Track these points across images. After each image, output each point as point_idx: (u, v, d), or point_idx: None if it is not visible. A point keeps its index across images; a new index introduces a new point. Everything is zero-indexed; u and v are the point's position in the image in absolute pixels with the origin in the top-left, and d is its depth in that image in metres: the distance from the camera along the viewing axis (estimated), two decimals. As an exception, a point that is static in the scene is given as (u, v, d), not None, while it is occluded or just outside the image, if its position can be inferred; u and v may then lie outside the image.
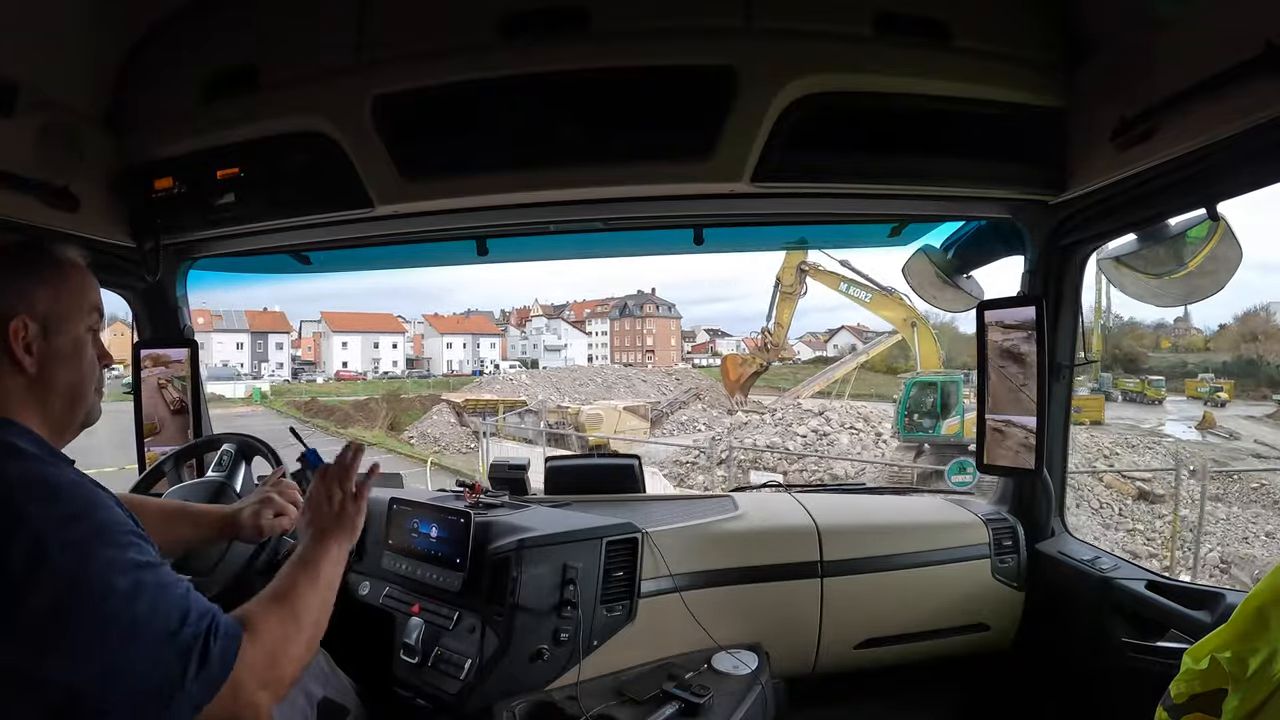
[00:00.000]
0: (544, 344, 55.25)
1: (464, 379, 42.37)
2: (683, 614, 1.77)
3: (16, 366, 0.94)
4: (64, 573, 0.81)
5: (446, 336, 52.21)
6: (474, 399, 27.02)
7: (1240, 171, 1.32)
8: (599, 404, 24.72)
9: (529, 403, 26.19)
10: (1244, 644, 0.92)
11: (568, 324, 58.58)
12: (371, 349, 48.89)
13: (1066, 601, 1.91)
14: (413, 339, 52.17)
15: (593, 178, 1.61)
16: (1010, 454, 1.94)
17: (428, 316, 54.29)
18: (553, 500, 2.11)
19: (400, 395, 33.88)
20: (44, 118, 1.52)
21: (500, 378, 37.12)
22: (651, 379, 37.95)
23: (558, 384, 33.61)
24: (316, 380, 43.43)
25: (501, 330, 57.67)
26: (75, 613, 0.80)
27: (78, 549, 0.82)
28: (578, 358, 52.88)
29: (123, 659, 0.81)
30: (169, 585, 0.87)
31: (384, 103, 1.55)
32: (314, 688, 1.42)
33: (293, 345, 48.46)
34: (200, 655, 0.85)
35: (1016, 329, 1.91)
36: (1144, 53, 1.35)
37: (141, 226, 1.81)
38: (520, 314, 62.26)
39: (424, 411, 28.69)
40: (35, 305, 0.96)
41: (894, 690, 2.07)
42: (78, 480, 0.90)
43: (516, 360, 52.87)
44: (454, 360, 51.21)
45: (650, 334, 56.23)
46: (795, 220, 2.09)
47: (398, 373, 47.45)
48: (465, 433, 24.56)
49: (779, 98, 1.49)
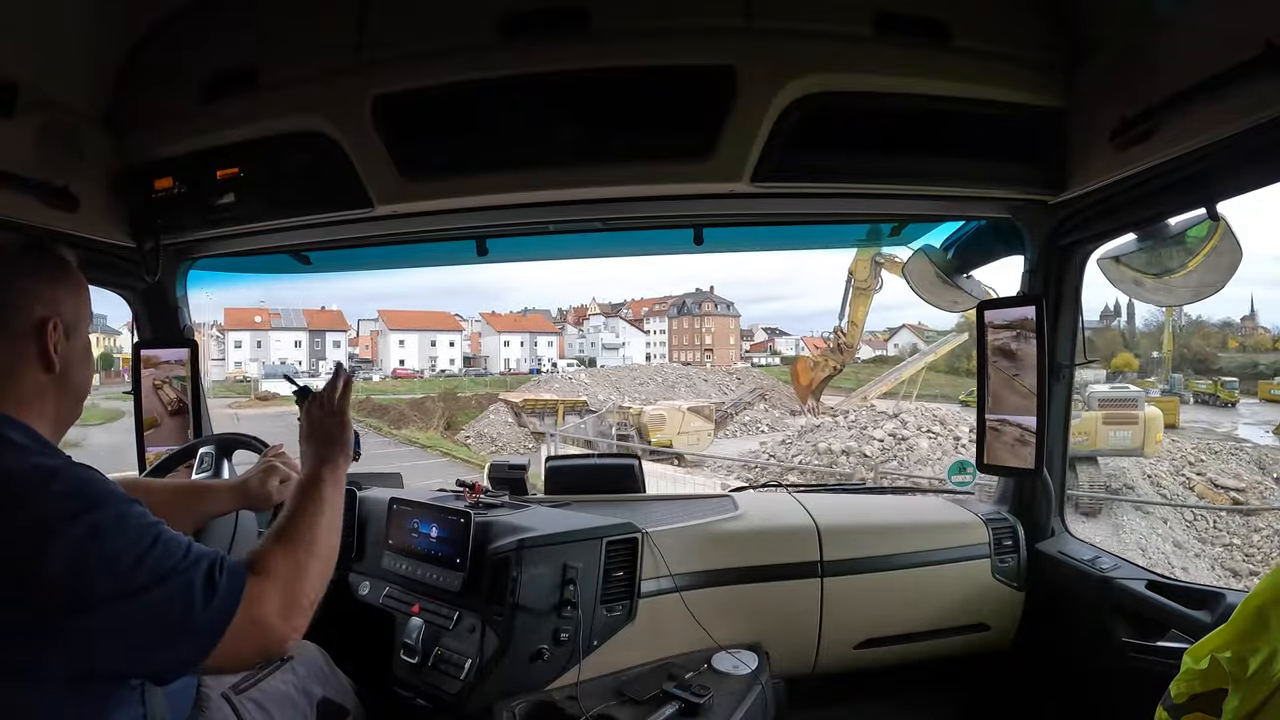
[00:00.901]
0: (602, 342, 54.56)
1: (521, 377, 42.02)
2: (683, 614, 1.77)
3: (46, 366, 0.98)
4: (70, 546, 0.82)
5: (504, 335, 51.76)
6: (533, 399, 26.34)
7: (1240, 171, 1.32)
8: (662, 404, 23.91)
9: (589, 403, 25.47)
10: (1244, 644, 0.92)
11: (625, 322, 57.86)
12: (429, 347, 48.44)
13: (1067, 601, 1.91)
14: (470, 337, 51.84)
15: (592, 178, 1.61)
16: (1010, 454, 1.94)
17: (485, 315, 53.89)
18: (553, 500, 2.11)
19: (457, 394, 33.42)
20: (44, 118, 1.52)
21: (559, 376, 36.50)
22: (713, 378, 37.26)
23: (617, 383, 33.00)
24: (373, 378, 42.85)
25: (559, 329, 56.91)
26: (86, 583, 0.82)
27: (81, 523, 0.84)
28: (635, 356, 52.22)
29: (134, 613, 0.84)
30: (171, 539, 0.90)
31: (384, 103, 1.55)
32: (314, 688, 1.42)
33: (350, 343, 48.35)
34: (206, 585, 0.88)
35: (1016, 329, 1.91)
36: (1144, 53, 1.35)
37: (141, 226, 1.81)
38: (577, 312, 61.44)
39: (480, 410, 28.20)
40: (62, 308, 1.00)
41: (894, 690, 2.07)
42: (71, 466, 0.92)
43: (574, 359, 52.11)
44: (511, 359, 50.72)
45: (709, 332, 55.20)
46: (795, 220, 2.09)
47: (455, 371, 47.01)
48: (523, 433, 24.03)
49: (779, 98, 1.49)
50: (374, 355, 48.43)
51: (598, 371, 38.71)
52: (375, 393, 35.18)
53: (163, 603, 0.85)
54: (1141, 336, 31.89)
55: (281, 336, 44.94)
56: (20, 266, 0.98)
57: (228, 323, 44.06)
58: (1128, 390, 16.57)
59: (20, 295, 0.96)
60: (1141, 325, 33.34)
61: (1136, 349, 27.00)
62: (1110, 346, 25.91)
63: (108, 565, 0.84)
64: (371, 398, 31.96)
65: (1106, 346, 26.36)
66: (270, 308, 45.02)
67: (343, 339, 47.38)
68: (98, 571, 0.83)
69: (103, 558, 0.84)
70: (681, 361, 48.25)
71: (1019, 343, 1.90)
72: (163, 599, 0.85)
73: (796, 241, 2.45)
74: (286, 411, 32.71)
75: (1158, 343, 26.89)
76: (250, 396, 33.84)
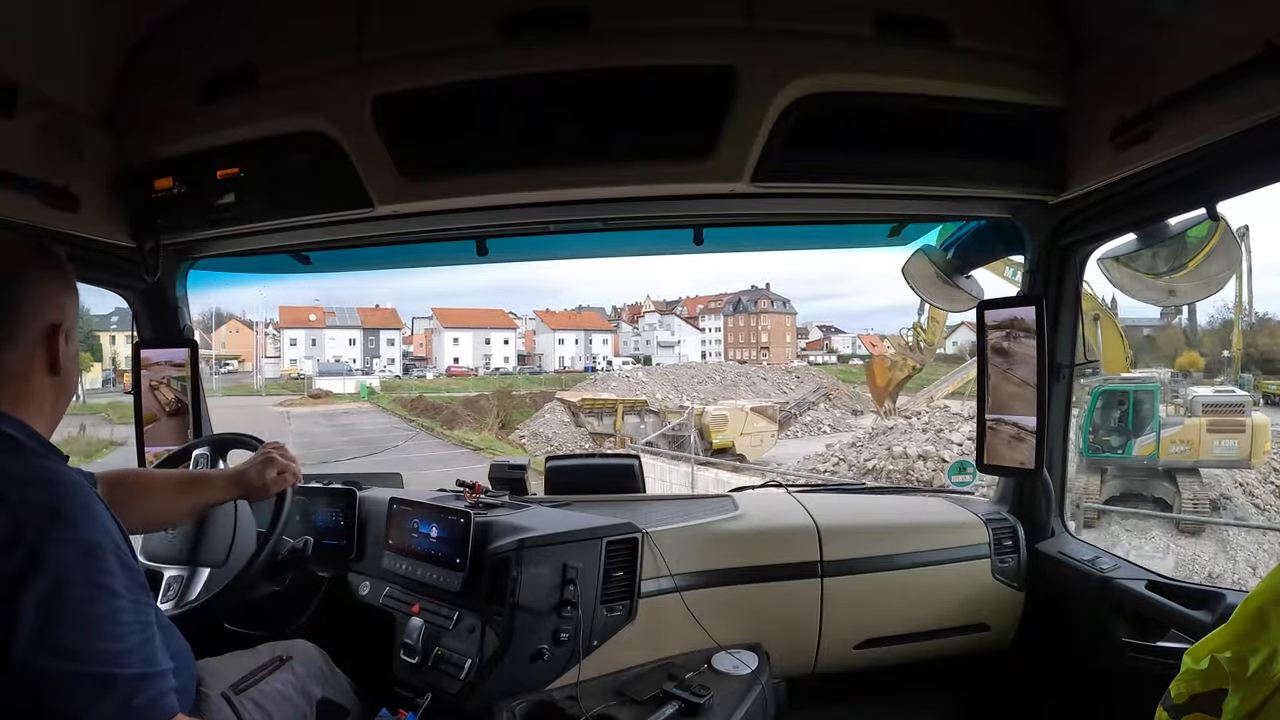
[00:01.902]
0: (657, 340, 54.27)
1: (576, 375, 41.85)
2: (683, 614, 1.77)
3: (53, 369, 1.00)
4: (29, 561, 0.83)
5: (558, 333, 51.43)
6: (590, 398, 25.66)
7: (1240, 171, 1.32)
8: (723, 404, 23.12)
9: (649, 402, 24.69)
10: (1244, 644, 0.92)
11: (681, 320, 57.17)
12: (483, 345, 48.42)
13: (1067, 601, 1.91)
14: (524, 335, 51.72)
15: (593, 178, 1.61)
16: (1010, 454, 1.94)
17: (539, 312, 53.64)
18: (553, 500, 2.11)
19: (511, 392, 32.93)
20: (44, 118, 1.52)
21: (615, 375, 35.95)
22: (771, 377, 36.68)
23: (675, 382, 32.37)
24: (427, 376, 43.02)
25: (613, 326, 56.62)
26: (28, 599, 0.82)
27: (50, 543, 0.85)
28: (691, 354, 52.21)
29: (45, 664, 0.82)
30: (123, 621, 0.88)
31: (384, 103, 1.55)
32: (313, 688, 1.42)
33: (404, 341, 48.44)
34: (122, 699, 0.85)
35: (1016, 329, 1.91)
36: (1144, 53, 1.35)
37: (141, 226, 1.81)
38: (632, 310, 60.92)
39: (535, 409, 27.56)
40: (66, 313, 1.02)
41: (894, 690, 2.07)
42: (73, 480, 0.93)
43: (629, 357, 51.88)
44: (566, 356, 50.38)
45: (765, 330, 54.45)
46: (795, 220, 2.09)
47: (509, 369, 47.09)
48: (580, 433, 23.55)
49: (779, 98, 1.49)
50: (428, 353, 48.50)
51: (655, 370, 38.02)
52: (428, 391, 34.75)
53: (66, 685, 0.83)
54: (1205, 334, 30.83)
55: (336, 334, 45.22)
56: (34, 272, 0.99)
57: (283, 321, 44.40)
58: (1234, 394, 14.64)
59: (34, 302, 0.98)
60: (1204, 323, 32.19)
61: (1200, 347, 26.22)
62: (1172, 345, 25.17)
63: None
64: (424, 396, 31.35)
65: (1168, 345, 25.58)
66: (325, 306, 45.48)
67: (397, 337, 47.52)
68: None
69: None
70: (738, 360, 47.63)
71: (1018, 342, 1.90)
72: (67, 680, 0.83)
73: (796, 241, 2.45)
74: (337, 410, 32.03)
75: (1223, 340, 26.01)
76: (303, 394, 33.69)
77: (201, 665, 1.27)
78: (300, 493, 1.90)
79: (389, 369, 45.13)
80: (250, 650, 1.42)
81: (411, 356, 48.03)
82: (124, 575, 0.91)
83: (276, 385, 37.12)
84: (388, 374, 43.27)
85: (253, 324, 45.66)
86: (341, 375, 38.30)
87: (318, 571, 1.86)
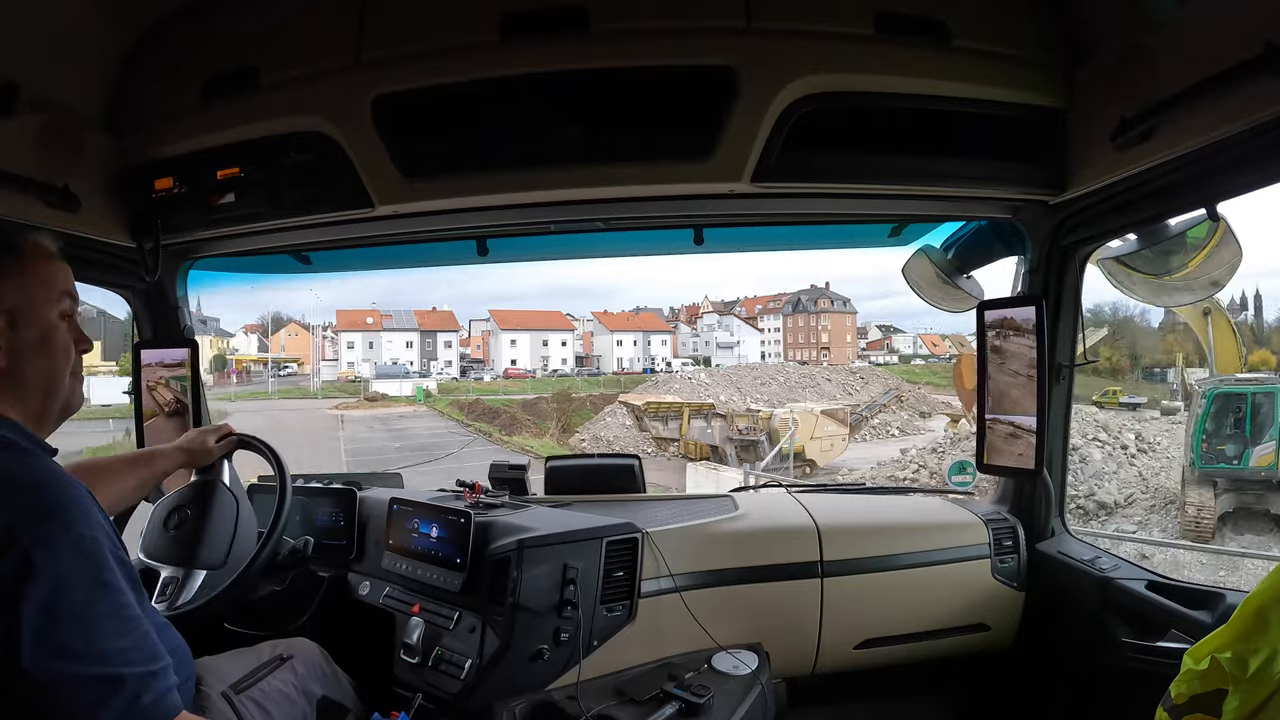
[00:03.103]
0: (716, 341, 52.94)
1: (635, 377, 41.32)
2: (683, 614, 1.77)
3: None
4: (25, 563, 0.82)
5: (616, 334, 50.89)
6: (655, 401, 24.63)
7: (1240, 171, 1.32)
8: (792, 407, 22.11)
9: (715, 405, 23.51)
10: (1244, 644, 0.92)
11: (740, 320, 55.59)
12: (540, 347, 48.10)
13: (1066, 601, 1.91)
14: (582, 337, 51.12)
15: (593, 178, 1.61)
16: (1010, 454, 1.94)
17: (597, 313, 53.02)
18: (553, 500, 2.11)
19: (571, 394, 32.04)
20: (44, 118, 1.52)
21: (677, 376, 34.95)
22: (836, 378, 35.76)
23: (738, 383, 31.48)
24: (484, 378, 43.22)
25: (672, 327, 55.74)
26: (28, 602, 0.82)
27: (45, 545, 0.84)
28: (751, 355, 50.95)
29: (53, 667, 0.82)
30: (125, 618, 0.89)
31: (384, 103, 1.55)
32: (313, 687, 1.42)
33: (461, 344, 48.26)
34: (130, 697, 0.85)
35: (1016, 329, 1.91)
36: (1144, 53, 1.35)
37: (141, 226, 1.81)
38: (690, 311, 59.89)
39: (595, 412, 26.87)
40: (5, 297, 0.97)
41: (894, 690, 2.07)
42: (65, 477, 0.91)
43: (688, 358, 50.97)
44: (624, 358, 49.96)
45: (825, 330, 52.89)
46: (795, 220, 2.09)
47: (567, 370, 46.60)
48: (642, 437, 22.86)
49: (779, 98, 1.49)
50: (485, 355, 48.38)
51: (717, 371, 36.98)
52: (486, 393, 34.11)
53: (71, 686, 0.83)
54: (1272, 331, 29.80)
55: (393, 337, 45.15)
56: None
57: (340, 324, 44.49)
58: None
59: None
60: (1272, 320, 30.91)
61: (1270, 344, 25.39)
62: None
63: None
64: (481, 400, 30.56)
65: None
66: (382, 308, 45.63)
67: (454, 339, 47.42)
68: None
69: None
70: (798, 361, 46.89)
71: (1018, 342, 1.90)
72: (71, 682, 0.83)
73: (796, 241, 2.45)
74: (392, 414, 29.75)
75: (1291, 337, 24.78)
76: (359, 397, 33.39)
77: (201, 664, 1.27)
78: (300, 493, 1.91)
79: (446, 371, 44.92)
80: (250, 649, 1.42)
81: (469, 359, 47.90)
82: (121, 571, 0.91)
83: (333, 388, 36.96)
84: (445, 376, 43.04)
85: (311, 327, 45.85)
86: (398, 378, 38.09)
87: (318, 571, 1.86)
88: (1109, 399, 22.88)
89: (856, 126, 1.57)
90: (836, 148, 1.57)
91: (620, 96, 1.53)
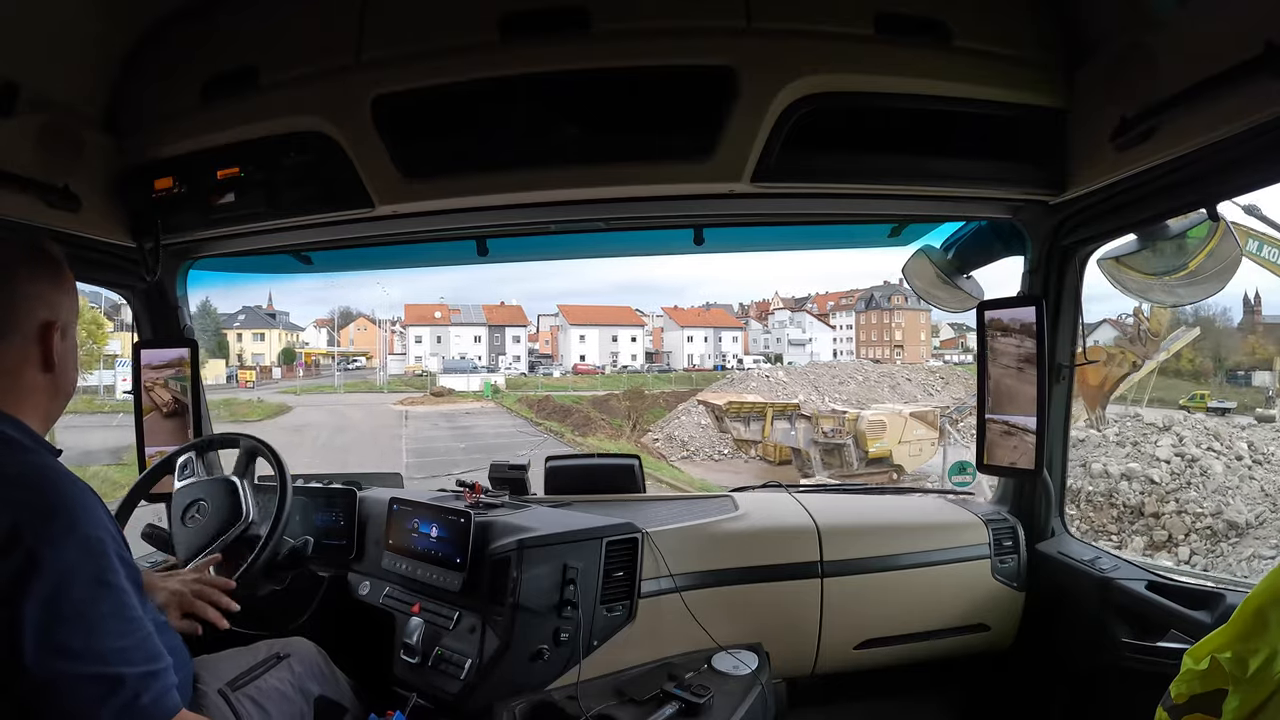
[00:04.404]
0: (788, 338, 51.51)
1: (706, 374, 40.56)
2: (683, 614, 1.77)
3: (47, 366, 1.01)
4: (29, 561, 0.83)
5: (687, 330, 49.43)
6: (737, 401, 22.61)
7: (1240, 171, 1.32)
8: (879, 408, 20.62)
9: (800, 406, 21.61)
10: (1244, 644, 0.92)
11: (812, 317, 53.72)
12: (609, 342, 47.08)
13: (1066, 601, 1.91)
14: (652, 332, 50.29)
15: (593, 178, 1.61)
16: (1010, 454, 1.93)
17: (667, 309, 51.85)
18: (553, 500, 2.11)
19: (643, 391, 30.51)
20: (44, 118, 1.52)
21: (754, 375, 33.30)
22: (915, 377, 34.42)
23: (815, 382, 29.93)
24: (553, 374, 42.07)
25: (742, 324, 54.59)
26: (31, 600, 0.83)
27: (50, 543, 0.85)
28: (822, 353, 49.22)
29: (54, 665, 0.83)
30: (127, 618, 0.89)
31: (384, 103, 1.55)
32: (311, 686, 1.42)
33: (530, 339, 47.77)
34: (130, 697, 0.86)
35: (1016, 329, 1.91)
36: (1144, 53, 1.35)
37: (141, 226, 1.81)
38: (760, 307, 58.32)
39: (667, 409, 25.74)
40: (60, 310, 1.03)
41: (894, 690, 2.07)
42: (70, 477, 0.93)
43: (759, 355, 49.46)
44: (694, 354, 48.49)
45: (898, 328, 50.25)
46: (795, 220, 2.09)
47: (636, 366, 45.73)
48: (718, 436, 21.55)
49: (779, 98, 1.49)
50: (554, 351, 47.73)
51: (796, 370, 35.43)
52: (555, 389, 33.15)
53: (71, 685, 0.84)
54: None
55: (461, 332, 44.83)
56: (26, 270, 1.00)
57: (408, 318, 44.40)
58: None
59: (26, 299, 0.98)
60: None
61: None
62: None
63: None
64: (551, 397, 29.41)
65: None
66: (450, 303, 45.48)
67: (522, 334, 46.95)
68: None
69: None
70: (871, 359, 45.14)
71: (1018, 342, 1.90)
72: (71, 681, 0.84)
73: (797, 241, 2.45)
74: (458, 410, 28.24)
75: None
76: (425, 392, 32.88)
77: (199, 662, 1.27)
78: (300, 493, 1.91)
79: (514, 366, 44.33)
80: (247, 648, 1.42)
81: (537, 354, 47.33)
82: (124, 571, 0.92)
83: (400, 382, 36.38)
84: (512, 371, 42.55)
85: (379, 322, 45.81)
86: (466, 373, 37.76)
87: (318, 571, 1.86)
88: (1196, 403, 21.41)
89: (856, 126, 1.57)
90: (836, 148, 1.57)
91: (620, 96, 1.53)
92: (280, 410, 25.60)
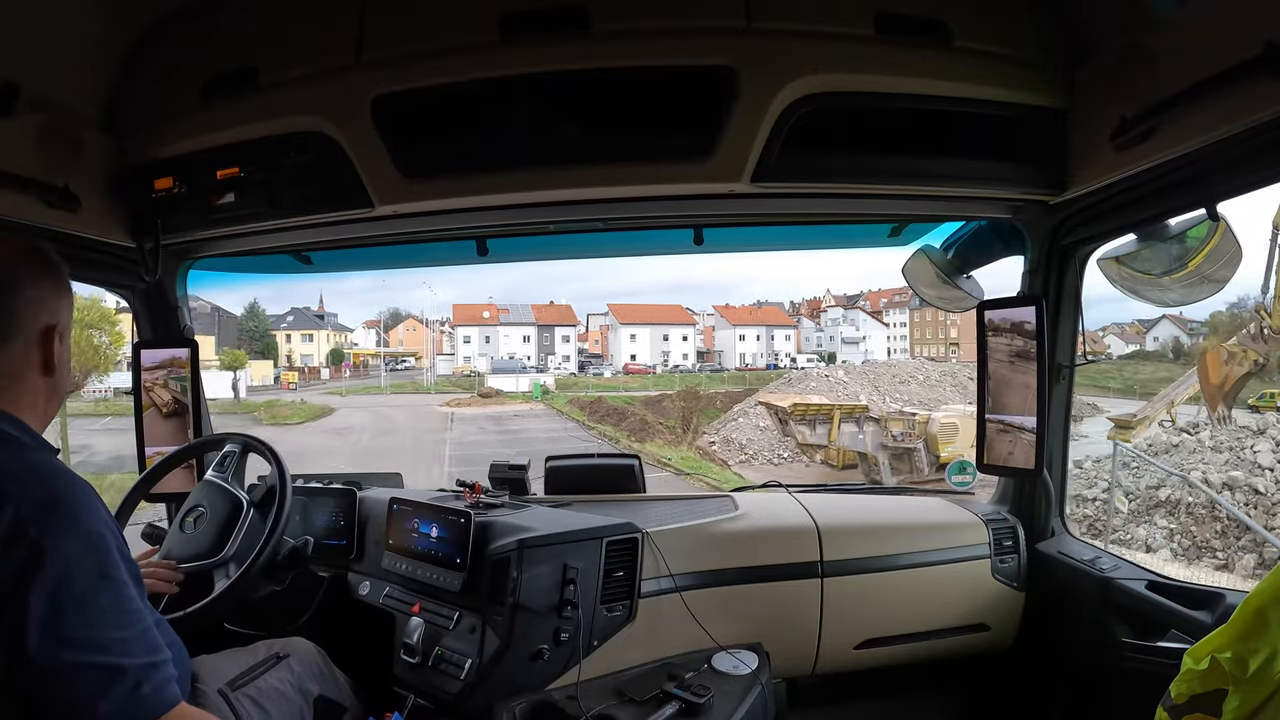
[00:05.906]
0: (840, 336, 49.61)
1: (759, 373, 39.56)
2: (683, 614, 1.77)
3: (47, 369, 1.03)
4: (33, 554, 0.85)
5: (738, 328, 47.72)
6: (802, 403, 21.28)
7: (1240, 171, 1.32)
8: (949, 409, 19.43)
9: (869, 408, 20.46)
10: (1244, 644, 0.92)
11: (865, 314, 51.81)
12: (660, 341, 45.67)
13: (1066, 601, 1.91)
14: (703, 331, 49.00)
15: (593, 178, 1.61)
16: (1010, 454, 1.93)
17: (718, 308, 49.84)
18: (553, 500, 2.11)
19: (698, 392, 28.42)
20: (44, 118, 1.52)
21: (813, 374, 31.80)
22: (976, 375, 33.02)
23: (875, 382, 28.39)
24: (603, 374, 40.89)
25: (794, 321, 51.89)
26: (35, 592, 0.84)
27: (53, 537, 0.87)
28: (876, 351, 47.71)
29: (57, 656, 0.85)
30: (128, 610, 0.91)
31: (384, 103, 1.55)
32: (310, 685, 1.42)
33: (579, 338, 46.99)
34: (131, 687, 0.88)
35: (1016, 329, 1.91)
36: (1144, 53, 1.35)
37: (141, 226, 1.81)
38: (811, 305, 56.74)
39: (722, 410, 24.64)
40: (60, 315, 1.05)
41: (894, 690, 2.07)
42: (70, 474, 0.95)
43: (812, 353, 47.98)
44: (746, 353, 46.88)
45: (954, 325, 46.31)
46: (795, 220, 2.09)
47: (688, 366, 44.23)
48: (777, 439, 20.57)
49: (779, 98, 1.49)
50: (604, 350, 46.95)
51: (854, 369, 33.75)
52: (606, 389, 32.23)
53: (73, 675, 0.86)
54: None
55: (510, 332, 44.27)
56: (30, 275, 1.01)
57: (457, 318, 44.19)
58: None
59: (30, 304, 1.00)
60: None
61: None
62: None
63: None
64: (603, 398, 28.38)
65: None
66: (499, 303, 45.11)
67: (571, 334, 46.18)
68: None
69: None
70: (925, 356, 43.52)
71: (1018, 342, 1.90)
72: (73, 670, 0.86)
73: (797, 241, 2.45)
74: (506, 412, 27.69)
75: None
76: (473, 393, 32.22)
77: (198, 662, 1.28)
78: (300, 493, 1.91)
79: (564, 366, 43.52)
80: (247, 648, 1.43)
81: (587, 354, 46.51)
82: (125, 565, 0.94)
83: (448, 383, 35.90)
84: (562, 371, 41.75)
85: (427, 322, 45.71)
86: (514, 373, 37.20)
87: (318, 571, 1.86)
88: (1266, 403, 19.95)
89: (856, 126, 1.57)
90: (836, 148, 1.57)
91: (620, 96, 1.53)
92: (323, 412, 25.18)
